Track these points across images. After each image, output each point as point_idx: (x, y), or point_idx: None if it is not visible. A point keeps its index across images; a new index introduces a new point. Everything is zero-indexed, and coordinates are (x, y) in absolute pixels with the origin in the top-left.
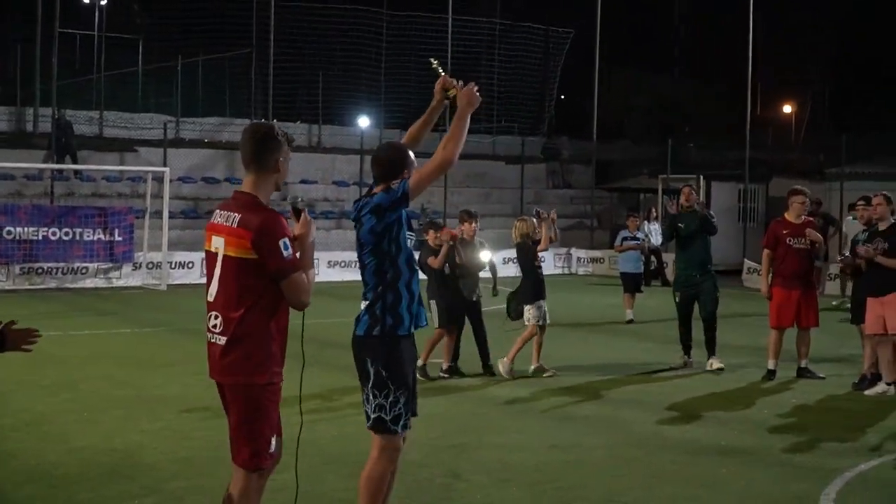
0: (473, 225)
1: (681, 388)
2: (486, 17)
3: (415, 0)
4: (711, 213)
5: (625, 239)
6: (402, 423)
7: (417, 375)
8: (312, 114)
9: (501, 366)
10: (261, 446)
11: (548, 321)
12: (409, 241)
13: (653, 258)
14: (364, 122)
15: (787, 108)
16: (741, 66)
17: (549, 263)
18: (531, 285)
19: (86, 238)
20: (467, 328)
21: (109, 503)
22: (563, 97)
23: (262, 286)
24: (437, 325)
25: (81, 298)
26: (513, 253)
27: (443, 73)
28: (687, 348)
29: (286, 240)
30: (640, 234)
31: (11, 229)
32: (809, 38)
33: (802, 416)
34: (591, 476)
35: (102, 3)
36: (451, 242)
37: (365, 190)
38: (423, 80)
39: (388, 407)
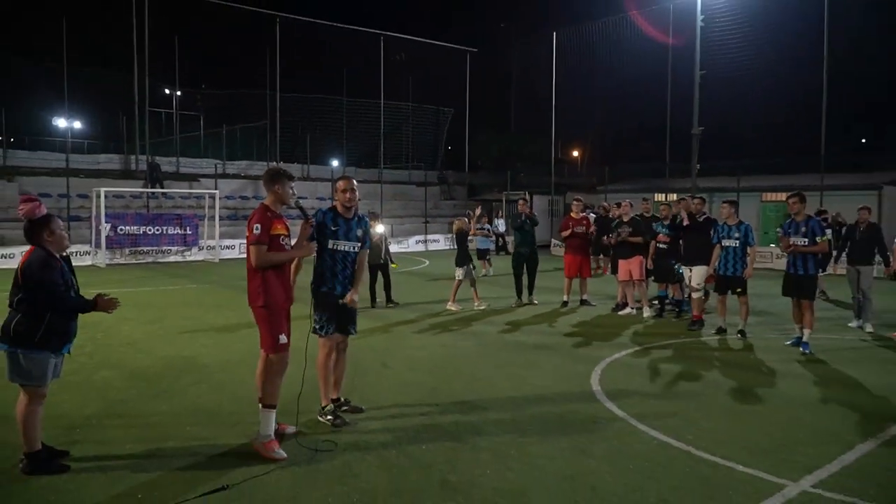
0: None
1: (515, 313)
2: (404, 101)
3: (360, 90)
4: (535, 214)
5: (479, 229)
6: (323, 329)
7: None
8: (304, 157)
9: (451, 305)
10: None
11: (473, 277)
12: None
13: (500, 239)
14: (334, 162)
15: (576, 153)
16: (548, 128)
17: (442, 243)
18: (461, 257)
19: (169, 232)
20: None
21: (181, 388)
22: (449, 147)
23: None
24: None
25: (167, 268)
26: (415, 237)
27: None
28: (519, 292)
29: (257, 225)
30: (488, 226)
31: (123, 227)
32: (588, 109)
33: (582, 327)
34: (462, 363)
35: (178, 93)
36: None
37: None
38: (368, 141)
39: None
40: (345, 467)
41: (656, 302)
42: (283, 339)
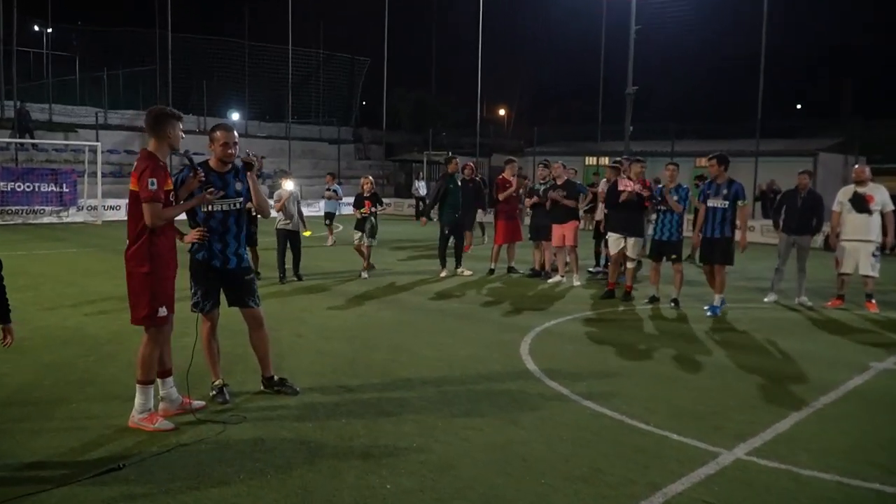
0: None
1: (438, 283)
2: (314, 49)
3: (265, 34)
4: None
5: (327, 190)
6: (200, 307)
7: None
8: (200, 108)
9: (364, 273)
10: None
11: (364, 243)
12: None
13: (420, 203)
14: (235, 115)
15: (502, 111)
16: (473, 85)
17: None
18: (357, 221)
19: (43, 189)
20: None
21: (65, 360)
22: (364, 102)
23: (140, 211)
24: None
25: (41, 230)
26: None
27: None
28: (444, 262)
29: (153, 180)
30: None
31: None
32: (516, 65)
33: (510, 296)
34: (382, 333)
35: (49, 31)
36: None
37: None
38: (270, 90)
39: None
40: (256, 442)
41: (595, 269)
42: (162, 311)
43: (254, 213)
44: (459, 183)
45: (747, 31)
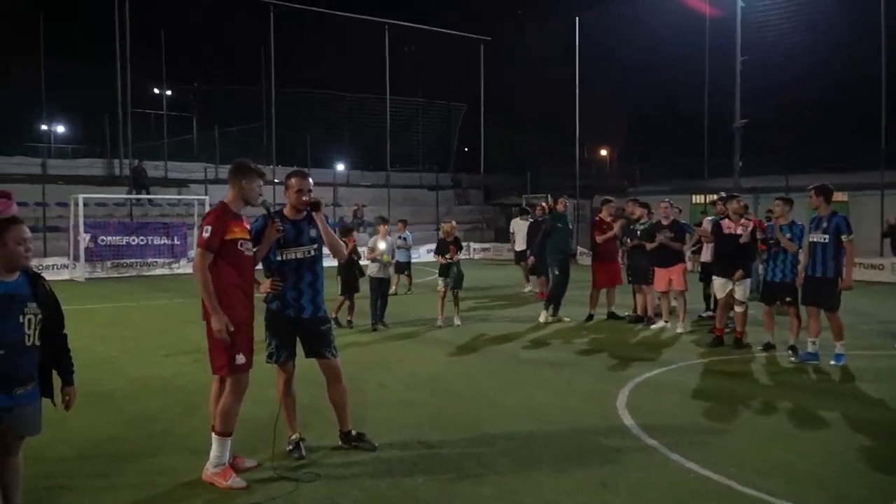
0: (385, 227)
1: (534, 329)
2: (412, 97)
3: (364, 84)
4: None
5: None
6: (274, 357)
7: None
8: (304, 159)
9: (455, 319)
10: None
11: (449, 288)
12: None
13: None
14: (340, 166)
15: (603, 151)
16: (571, 125)
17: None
18: (441, 267)
19: (155, 242)
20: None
21: (151, 412)
22: (466, 149)
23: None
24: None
25: (152, 281)
26: (426, 245)
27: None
28: (557, 306)
29: (208, 227)
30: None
31: (105, 238)
32: (616, 103)
33: (608, 342)
34: (469, 382)
35: (168, 93)
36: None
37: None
38: (371, 139)
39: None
40: (327, 502)
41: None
42: (240, 358)
43: (355, 258)
44: (570, 225)
45: (866, 50)
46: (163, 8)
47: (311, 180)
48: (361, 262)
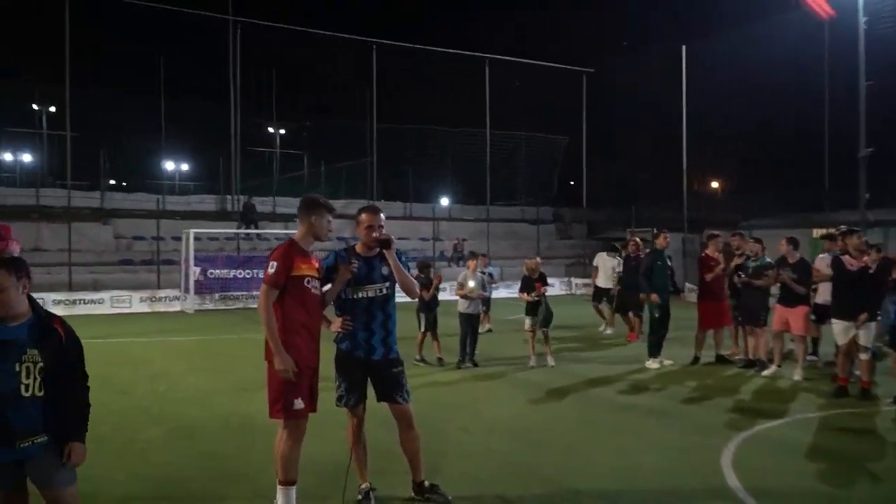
0: (475, 262)
1: (633, 372)
2: (513, 130)
3: (464, 119)
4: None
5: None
6: (343, 401)
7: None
8: (406, 194)
9: (549, 359)
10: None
11: (538, 327)
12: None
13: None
14: (444, 200)
15: (715, 184)
16: (678, 157)
17: (557, 287)
18: (527, 305)
19: (260, 276)
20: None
21: (228, 450)
22: (572, 182)
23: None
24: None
25: (255, 314)
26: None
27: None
28: (658, 350)
29: (274, 263)
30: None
31: (213, 271)
32: (726, 132)
33: (715, 389)
34: (558, 431)
35: (282, 132)
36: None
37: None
38: (473, 174)
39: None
40: None
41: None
42: (298, 403)
43: (432, 292)
44: (669, 261)
45: None
46: (275, 49)
47: (382, 216)
48: (452, 297)
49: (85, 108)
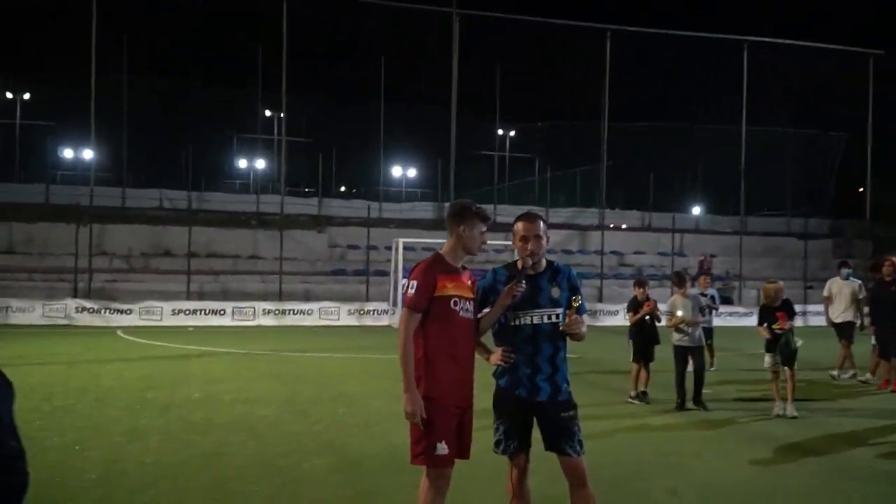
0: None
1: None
2: (775, 126)
3: (716, 113)
4: None
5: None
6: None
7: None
8: (645, 202)
9: (786, 407)
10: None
11: (783, 366)
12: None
13: None
14: (695, 209)
15: None
16: None
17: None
18: (767, 341)
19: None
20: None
21: (390, 488)
22: (861, 189)
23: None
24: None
25: None
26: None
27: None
28: None
29: (414, 282)
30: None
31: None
32: None
33: None
34: (792, 501)
35: (511, 133)
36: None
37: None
38: (726, 178)
39: None
40: None
41: None
42: (441, 448)
43: (637, 318)
44: None
45: None
46: (500, 43)
47: (541, 224)
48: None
49: (305, 113)
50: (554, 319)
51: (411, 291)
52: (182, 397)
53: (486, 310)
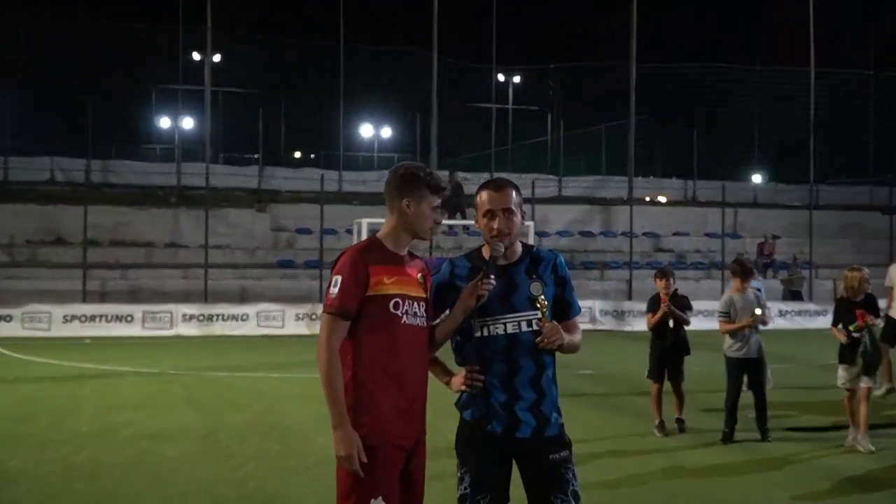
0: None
1: None
2: (854, 70)
3: (779, 55)
4: None
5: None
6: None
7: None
8: (689, 168)
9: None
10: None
11: (861, 386)
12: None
13: None
14: (756, 177)
15: None
16: None
17: None
18: (841, 348)
19: None
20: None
21: None
22: None
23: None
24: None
25: None
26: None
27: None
28: None
29: (337, 278)
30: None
31: None
32: None
33: None
34: None
35: (515, 80)
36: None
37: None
38: (790, 140)
39: None
40: None
41: None
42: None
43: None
44: None
45: None
46: None
47: (514, 194)
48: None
49: (243, 56)
50: (536, 326)
51: (334, 290)
52: (67, 432)
53: (445, 314)
